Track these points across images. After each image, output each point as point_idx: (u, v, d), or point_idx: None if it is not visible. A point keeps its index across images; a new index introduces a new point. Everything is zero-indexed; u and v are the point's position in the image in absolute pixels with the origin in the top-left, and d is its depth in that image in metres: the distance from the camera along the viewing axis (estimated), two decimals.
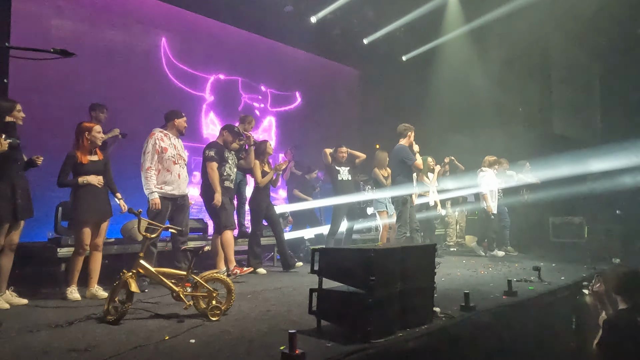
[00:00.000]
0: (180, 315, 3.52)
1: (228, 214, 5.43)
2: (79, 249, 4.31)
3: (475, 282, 5.16)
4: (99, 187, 4.34)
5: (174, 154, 4.90)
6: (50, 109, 6.13)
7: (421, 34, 10.21)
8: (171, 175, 4.84)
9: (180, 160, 4.96)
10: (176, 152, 4.93)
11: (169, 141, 4.91)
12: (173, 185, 4.86)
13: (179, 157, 4.95)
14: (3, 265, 3.96)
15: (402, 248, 3.29)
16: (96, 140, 4.39)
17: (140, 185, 4.81)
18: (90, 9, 6.93)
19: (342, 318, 3.06)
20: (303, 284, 4.96)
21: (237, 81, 9.17)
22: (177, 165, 4.91)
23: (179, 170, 4.92)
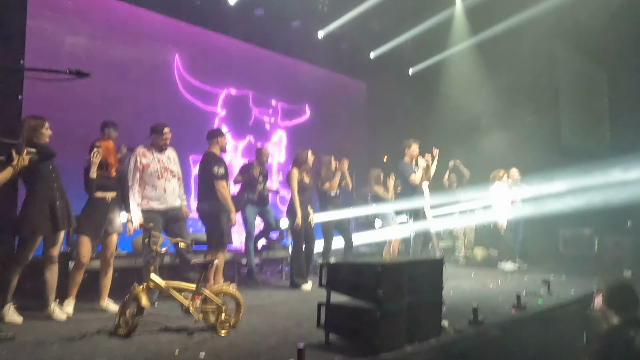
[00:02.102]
0: (190, 329, 3.56)
1: (222, 232, 5.23)
2: (76, 260, 4.33)
3: (483, 295, 5.15)
4: (107, 202, 4.41)
5: (158, 169, 4.93)
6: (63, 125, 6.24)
7: (428, 47, 10.27)
8: (156, 190, 4.88)
9: (165, 174, 4.98)
10: (160, 166, 4.95)
11: (151, 156, 4.95)
12: (160, 200, 4.90)
13: (164, 170, 4.97)
14: (47, 278, 4.07)
15: (409, 262, 3.32)
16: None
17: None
18: (104, 27, 7.08)
19: (351, 332, 3.08)
20: (311, 298, 4.96)
21: (248, 95, 9.28)
22: (162, 179, 4.93)
23: (164, 184, 4.93)
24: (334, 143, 9.81)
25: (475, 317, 3.69)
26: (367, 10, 8.65)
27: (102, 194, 4.38)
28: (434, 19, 9.28)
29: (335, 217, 6.44)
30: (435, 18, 9.27)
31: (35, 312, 4.11)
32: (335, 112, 10.55)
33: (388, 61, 10.47)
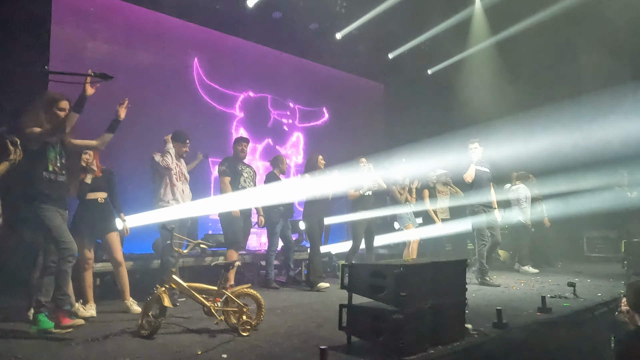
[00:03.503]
0: (212, 330, 3.57)
1: (235, 232, 5.49)
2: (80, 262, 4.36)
3: (507, 298, 5.06)
4: (100, 202, 4.48)
5: (177, 172, 5.16)
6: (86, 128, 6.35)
7: (447, 47, 10.18)
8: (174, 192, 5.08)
9: (182, 178, 5.21)
10: (178, 170, 5.19)
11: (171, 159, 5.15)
12: (179, 200, 5.09)
13: (181, 174, 5.20)
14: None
15: (432, 263, 3.26)
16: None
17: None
18: (124, 32, 7.20)
19: (373, 334, 3.04)
20: (332, 300, 4.97)
21: (267, 98, 9.33)
22: (180, 182, 5.16)
23: (182, 187, 5.16)
24: (352, 144, 9.78)
25: (499, 320, 3.62)
26: (385, 11, 8.61)
27: (94, 195, 4.45)
28: (453, 19, 9.19)
29: (366, 218, 6.41)
30: (454, 18, 9.19)
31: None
32: (353, 114, 10.52)
33: (406, 62, 10.41)
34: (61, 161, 3.64)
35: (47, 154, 3.52)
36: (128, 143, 6.16)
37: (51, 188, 3.53)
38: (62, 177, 3.65)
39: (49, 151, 3.54)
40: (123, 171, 5.90)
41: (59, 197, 3.61)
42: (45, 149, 3.52)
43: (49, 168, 3.53)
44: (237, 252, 5.57)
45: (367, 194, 6.50)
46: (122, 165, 5.96)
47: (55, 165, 3.57)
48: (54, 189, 3.55)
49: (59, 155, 3.62)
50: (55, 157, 3.58)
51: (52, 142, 3.56)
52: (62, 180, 3.63)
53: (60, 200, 3.63)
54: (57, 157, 3.60)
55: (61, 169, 3.63)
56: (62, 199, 3.67)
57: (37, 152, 3.48)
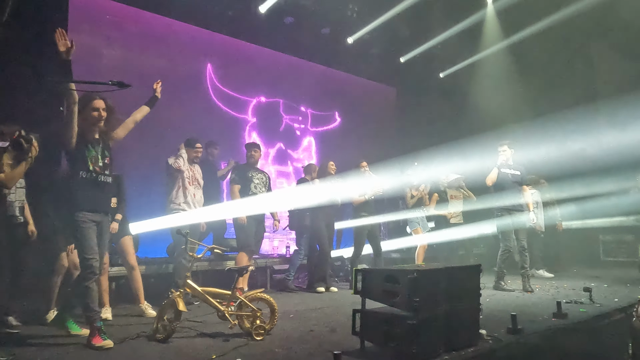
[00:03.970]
0: (226, 334, 3.60)
1: (247, 236, 5.61)
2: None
3: (521, 303, 5.01)
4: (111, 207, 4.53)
5: (190, 176, 5.30)
6: None
7: (459, 50, 10.14)
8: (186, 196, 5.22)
9: (194, 182, 5.35)
10: (192, 174, 5.34)
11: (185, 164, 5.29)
12: (189, 205, 5.21)
13: (193, 179, 5.34)
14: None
15: (446, 269, 3.26)
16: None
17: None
18: (139, 38, 7.30)
19: (387, 339, 3.04)
20: (344, 304, 4.97)
21: (278, 103, 9.38)
22: (192, 186, 5.30)
23: (193, 191, 5.30)
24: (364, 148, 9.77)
25: (514, 325, 3.59)
26: (397, 15, 8.62)
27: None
28: (465, 22, 9.16)
29: (368, 224, 6.43)
30: (467, 21, 9.15)
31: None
32: (365, 118, 10.52)
33: (418, 65, 10.40)
34: (104, 161, 3.53)
35: (85, 154, 3.42)
36: (141, 148, 6.25)
37: (91, 189, 3.42)
38: (105, 178, 3.53)
39: (87, 151, 3.43)
40: (136, 176, 5.99)
41: (100, 199, 3.50)
42: (83, 148, 3.42)
43: (89, 168, 3.42)
44: (247, 255, 5.63)
45: (370, 199, 6.52)
46: (135, 170, 6.04)
47: (95, 165, 3.46)
48: (94, 189, 3.44)
49: (100, 154, 3.51)
50: (96, 157, 3.47)
51: (90, 141, 3.47)
52: (104, 180, 3.51)
53: (102, 203, 3.53)
54: (99, 156, 3.49)
55: (103, 169, 3.52)
56: (104, 201, 3.57)
57: (75, 153, 3.40)
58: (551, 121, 8.99)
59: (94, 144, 3.51)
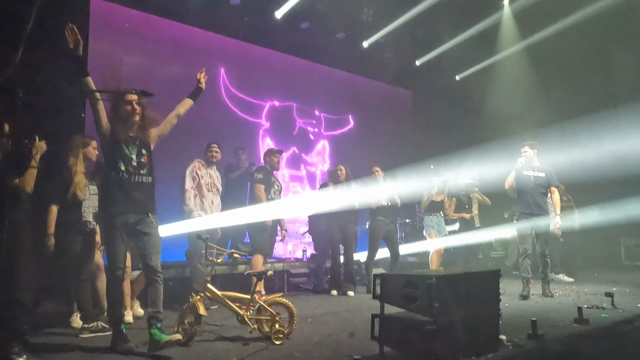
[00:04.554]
0: (245, 338, 3.63)
1: (264, 239, 5.60)
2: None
3: (541, 308, 4.95)
4: None
5: (209, 182, 5.29)
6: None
7: (475, 52, 10.08)
8: (205, 203, 5.21)
9: (213, 189, 5.33)
10: (211, 181, 5.32)
11: (204, 170, 5.30)
12: (207, 212, 5.20)
13: (212, 185, 5.33)
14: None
15: (465, 274, 3.24)
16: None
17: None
18: (157, 45, 7.43)
19: (406, 345, 3.03)
20: (361, 309, 4.97)
21: (292, 107, 9.43)
22: (211, 192, 5.28)
23: (211, 197, 5.29)
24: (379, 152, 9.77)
25: (534, 331, 3.55)
26: (412, 18, 8.62)
27: None
28: (482, 24, 9.11)
29: (384, 228, 6.43)
30: (483, 23, 9.10)
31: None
32: (380, 121, 10.52)
33: (434, 68, 10.37)
34: (139, 160, 3.36)
35: (116, 153, 3.29)
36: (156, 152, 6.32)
37: (121, 190, 3.27)
38: (141, 177, 3.35)
39: (120, 149, 3.29)
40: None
41: (135, 200, 3.29)
42: (116, 147, 3.29)
43: (121, 167, 3.27)
44: (263, 258, 5.64)
45: (386, 204, 6.51)
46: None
47: (129, 164, 3.30)
48: (126, 190, 3.27)
49: (135, 153, 3.35)
50: (129, 156, 3.31)
51: (124, 139, 3.32)
52: (140, 180, 3.33)
53: (137, 203, 3.31)
54: (132, 155, 3.33)
55: (138, 168, 3.34)
56: (140, 202, 3.32)
57: (108, 153, 3.33)
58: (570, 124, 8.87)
59: (129, 142, 3.34)
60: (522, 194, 6.01)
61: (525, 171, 5.98)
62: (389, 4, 8.50)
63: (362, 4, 8.67)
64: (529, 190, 5.94)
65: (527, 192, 5.95)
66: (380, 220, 6.47)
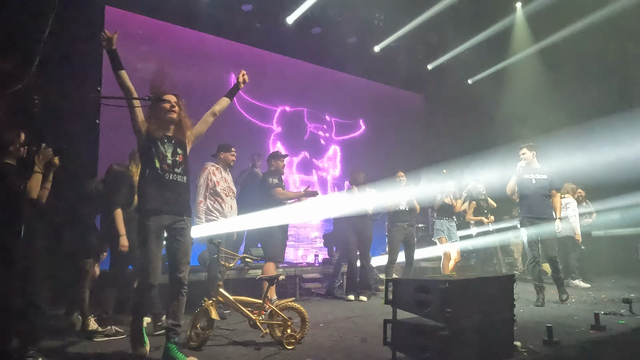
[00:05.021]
0: (257, 343, 3.63)
1: (276, 245, 5.38)
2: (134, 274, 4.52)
3: (556, 314, 4.88)
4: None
5: (225, 187, 5.13)
6: (136, 144, 6.65)
7: (488, 56, 10.03)
8: (224, 208, 5.05)
9: (230, 193, 5.19)
10: (227, 185, 5.16)
11: (220, 175, 5.13)
12: (227, 217, 5.06)
13: (229, 189, 5.18)
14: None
15: (479, 279, 3.21)
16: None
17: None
18: (170, 52, 7.52)
19: (418, 350, 3.01)
20: (373, 314, 4.95)
21: (303, 112, 9.46)
22: (229, 197, 5.15)
23: (230, 202, 5.16)
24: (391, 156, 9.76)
25: (550, 337, 3.50)
26: (424, 22, 8.61)
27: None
28: (494, 27, 9.06)
29: (403, 232, 6.41)
30: (495, 27, 9.05)
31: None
32: (392, 125, 10.50)
33: (446, 72, 10.34)
34: (174, 158, 3.26)
35: (152, 151, 3.19)
36: None
37: (156, 188, 3.16)
38: (176, 176, 3.24)
39: (155, 147, 3.20)
40: None
41: (168, 199, 3.18)
42: (151, 145, 3.21)
43: (156, 165, 3.18)
44: (275, 265, 5.45)
45: (405, 208, 6.50)
46: None
47: (164, 162, 3.20)
48: (163, 189, 3.17)
49: (171, 152, 3.26)
50: (164, 154, 3.22)
51: (160, 137, 3.24)
52: (173, 179, 3.23)
53: (172, 203, 3.20)
54: (167, 154, 3.23)
55: (173, 167, 3.24)
56: (174, 202, 3.21)
57: (144, 150, 3.25)
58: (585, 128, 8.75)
59: (165, 140, 3.27)
60: (524, 198, 5.82)
61: (527, 174, 5.77)
62: (401, 9, 8.50)
63: (374, 8, 8.69)
64: (530, 194, 5.74)
65: (529, 196, 5.75)
66: (399, 224, 6.46)
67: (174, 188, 3.23)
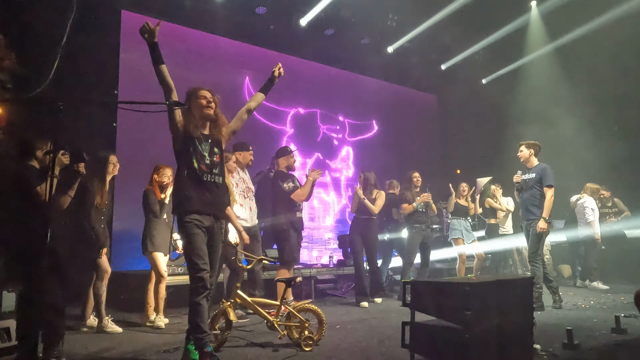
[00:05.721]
0: (275, 344, 3.65)
1: (292, 248, 5.22)
2: (158, 276, 4.55)
3: (576, 317, 4.82)
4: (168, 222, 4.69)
5: (244, 188, 5.08)
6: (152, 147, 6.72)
7: (502, 56, 9.96)
8: (244, 209, 5.01)
9: (249, 194, 5.13)
10: (245, 186, 5.11)
11: (238, 176, 5.08)
12: (247, 219, 5.02)
13: (247, 190, 5.12)
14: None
15: (498, 281, 3.18)
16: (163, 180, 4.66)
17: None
18: (185, 55, 7.58)
19: (437, 353, 3.00)
20: (389, 316, 4.94)
21: (316, 113, 9.48)
22: (247, 198, 5.08)
23: (249, 204, 5.10)
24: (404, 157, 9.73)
25: (570, 340, 3.46)
26: (437, 22, 8.57)
27: (168, 216, 4.67)
28: (508, 27, 8.98)
29: (420, 234, 6.37)
30: (509, 26, 8.98)
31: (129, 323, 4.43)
32: (405, 126, 10.48)
33: (460, 72, 10.28)
34: (212, 159, 3.15)
35: (190, 150, 3.09)
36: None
37: (197, 188, 3.06)
38: (214, 177, 3.14)
39: (193, 147, 3.10)
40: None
41: (208, 201, 3.08)
42: (188, 144, 3.10)
43: (194, 165, 3.06)
44: (291, 269, 5.33)
45: (421, 209, 6.45)
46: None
47: (201, 163, 3.09)
48: (202, 190, 3.07)
49: (208, 151, 3.15)
50: (202, 154, 3.11)
51: (197, 136, 3.13)
52: (211, 180, 3.12)
53: (211, 205, 3.10)
54: (205, 154, 3.13)
55: (211, 167, 3.13)
56: (213, 204, 3.11)
57: (181, 150, 3.12)
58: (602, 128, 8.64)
59: (202, 139, 3.16)
60: (520, 200, 5.74)
61: (525, 175, 5.64)
62: (414, 9, 8.47)
63: (387, 9, 8.67)
64: (522, 194, 5.65)
65: (521, 197, 5.67)
66: (417, 226, 6.41)
67: (213, 190, 3.12)
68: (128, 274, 5.69)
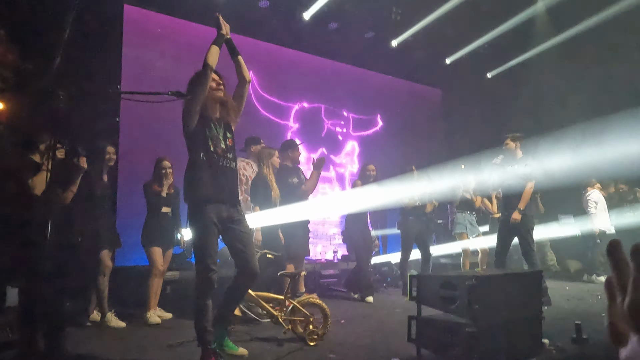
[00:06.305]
0: (280, 339, 3.62)
1: (298, 245, 5.13)
2: (153, 270, 4.52)
3: (583, 311, 4.77)
4: (169, 216, 4.68)
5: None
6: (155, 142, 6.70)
7: (508, 49, 9.85)
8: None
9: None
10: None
11: (250, 169, 5.03)
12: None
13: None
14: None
15: (505, 275, 3.15)
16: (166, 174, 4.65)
17: None
18: (188, 50, 7.52)
19: (444, 347, 2.96)
20: (394, 311, 4.90)
21: (320, 108, 9.41)
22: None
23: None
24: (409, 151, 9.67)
25: (579, 335, 3.42)
26: (442, 15, 8.48)
27: (166, 209, 4.65)
28: (514, 20, 8.88)
29: (416, 228, 6.31)
30: (515, 19, 8.87)
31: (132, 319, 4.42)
32: (409, 121, 10.40)
33: (465, 66, 10.17)
34: (226, 143, 3.07)
35: (205, 133, 2.99)
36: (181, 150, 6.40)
37: (213, 172, 2.94)
38: (228, 162, 3.04)
39: (207, 129, 3.00)
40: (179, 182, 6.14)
41: (223, 187, 2.96)
42: (204, 127, 3.00)
43: (210, 148, 2.96)
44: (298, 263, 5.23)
45: (418, 203, 6.38)
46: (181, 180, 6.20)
47: (217, 146, 2.99)
48: (217, 174, 2.95)
49: (222, 135, 3.07)
50: (217, 137, 3.02)
51: (212, 119, 3.06)
52: (227, 165, 3.02)
53: (226, 192, 2.98)
54: (220, 137, 3.05)
55: (226, 151, 3.03)
56: (228, 190, 2.99)
57: (195, 133, 2.99)
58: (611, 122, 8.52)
59: (216, 123, 3.08)
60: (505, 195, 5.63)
61: (509, 166, 5.50)
62: (418, 2, 8.38)
63: (391, 2, 8.59)
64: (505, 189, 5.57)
65: (504, 193, 5.59)
66: (411, 219, 6.32)
67: (228, 175, 3.01)
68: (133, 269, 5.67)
